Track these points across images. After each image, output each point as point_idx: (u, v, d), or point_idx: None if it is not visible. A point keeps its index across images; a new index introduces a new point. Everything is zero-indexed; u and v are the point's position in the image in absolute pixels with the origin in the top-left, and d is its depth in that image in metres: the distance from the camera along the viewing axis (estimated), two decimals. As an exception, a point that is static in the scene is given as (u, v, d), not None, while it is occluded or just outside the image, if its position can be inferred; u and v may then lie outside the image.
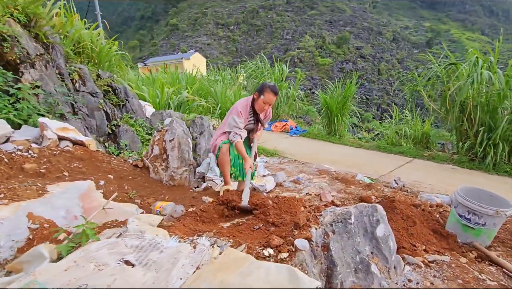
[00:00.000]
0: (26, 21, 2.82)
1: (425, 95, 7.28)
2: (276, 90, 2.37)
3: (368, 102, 59.72)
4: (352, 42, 77.96)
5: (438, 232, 2.07)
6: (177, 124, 2.59)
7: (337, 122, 9.40)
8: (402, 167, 6.28)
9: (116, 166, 2.40)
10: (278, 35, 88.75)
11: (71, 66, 3.69)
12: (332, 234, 1.24)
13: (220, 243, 1.13)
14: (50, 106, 2.61)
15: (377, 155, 7.35)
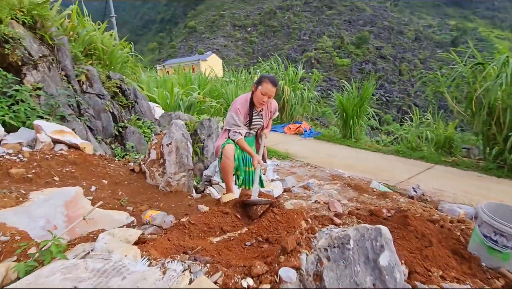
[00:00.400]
0: (32, 23, 2.82)
1: (449, 97, 6.84)
2: (274, 81, 2.23)
3: (388, 104, 57.90)
4: (372, 42, 75.96)
5: (458, 253, 1.83)
6: (176, 127, 2.49)
7: (353, 125, 9.07)
8: (422, 173, 5.91)
9: (112, 170, 2.33)
10: (295, 36, 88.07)
11: (79, 68, 3.71)
12: (327, 261, 1.06)
13: (195, 268, 0.99)
14: (51, 108, 2.59)
15: (395, 159, 6.98)
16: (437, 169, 6.06)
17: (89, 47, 4.60)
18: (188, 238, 1.54)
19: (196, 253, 1.35)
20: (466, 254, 1.80)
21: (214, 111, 7.62)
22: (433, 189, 4.93)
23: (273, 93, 2.24)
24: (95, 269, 0.92)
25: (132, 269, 0.96)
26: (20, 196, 1.47)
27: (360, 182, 5.03)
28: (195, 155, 4.96)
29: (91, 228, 1.68)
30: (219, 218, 1.81)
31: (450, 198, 4.51)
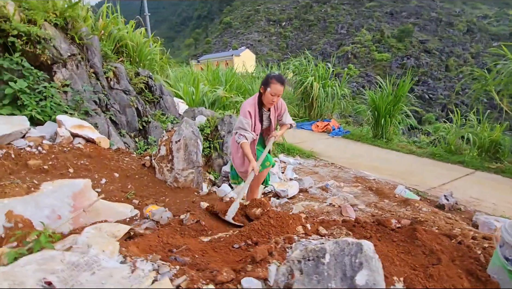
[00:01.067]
0: (64, 24, 3.06)
1: (497, 96, 6.15)
2: (282, 80, 2.22)
3: (431, 101, 53.67)
4: (416, 35, 70.65)
5: (474, 274, 1.63)
6: (187, 125, 2.54)
7: (385, 124, 8.56)
8: (460, 179, 5.42)
9: (125, 164, 2.46)
10: (332, 30, 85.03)
11: (108, 65, 3.95)
12: (299, 274, 1.01)
13: (163, 270, 1.00)
14: (76, 104, 2.80)
15: (430, 163, 6.48)
16: (478, 176, 5.50)
17: (120, 44, 4.88)
18: (179, 236, 1.57)
19: (180, 252, 1.37)
20: (483, 276, 1.61)
21: (240, 107, 7.68)
22: (470, 197, 4.49)
23: (281, 92, 2.25)
24: (69, 262, 0.98)
25: (104, 265, 1.00)
26: (32, 186, 1.61)
27: (385, 186, 4.75)
28: (215, 151, 5.06)
29: (95, 219, 1.79)
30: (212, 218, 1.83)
31: (489, 208, 4.08)
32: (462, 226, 2.52)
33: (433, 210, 3.00)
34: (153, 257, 1.06)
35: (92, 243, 1.09)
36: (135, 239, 1.34)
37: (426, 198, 4.38)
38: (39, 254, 1.00)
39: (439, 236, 1.84)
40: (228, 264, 1.24)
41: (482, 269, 1.68)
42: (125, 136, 3.90)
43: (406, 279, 1.45)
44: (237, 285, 0.94)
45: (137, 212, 2.01)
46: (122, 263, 1.03)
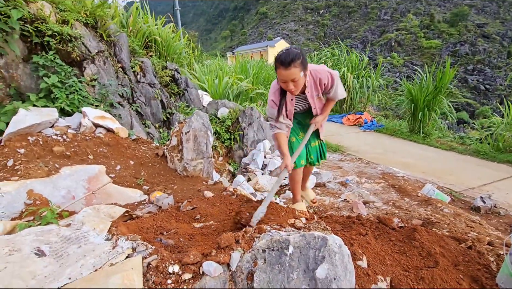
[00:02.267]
0: (94, 23, 3.34)
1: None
2: (284, 60, 1.58)
3: (488, 93, 48.07)
4: (472, 18, 63.30)
5: (479, 281, 1.51)
6: (197, 117, 2.65)
7: (423, 118, 7.97)
8: (504, 180, 4.93)
9: (141, 152, 2.65)
10: (374, 16, 79.76)
11: (135, 60, 4.23)
12: (263, 262, 1.05)
13: (139, 249, 1.10)
14: (102, 96, 3.07)
15: (472, 161, 5.95)
16: (529, 177, 4.91)
17: (148, 40, 5.16)
18: (174, 220, 1.69)
19: (168, 235, 1.48)
20: (488, 285, 1.48)
21: (267, 99, 7.70)
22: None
23: (290, 76, 1.60)
24: (63, 236, 1.13)
25: (91, 240, 1.14)
26: (53, 169, 1.84)
27: (413, 184, 4.48)
28: (235, 142, 5.18)
29: (107, 201, 1.99)
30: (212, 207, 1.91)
31: (536, 215, 3.65)
32: (485, 230, 2.30)
33: (456, 212, 2.77)
34: (133, 236, 1.17)
35: (86, 221, 1.24)
36: (129, 221, 1.48)
37: (461, 199, 4.05)
38: (39, 227, 1.17)
39: (444, 238, 1.71)
40: (206, 249, 1.32)
41: (490, 277, 1.55)
42: (150, 127, 4.18)
43: (393, 279, 1.40)
44: (199, 268, 1.01)
45: (146, 197, 2.18)
46: (107, 240, 1.16)
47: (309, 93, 1.91)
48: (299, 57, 1.60)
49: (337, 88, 1.96)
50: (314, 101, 1.97)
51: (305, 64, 1.66)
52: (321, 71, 1.85)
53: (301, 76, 1.64)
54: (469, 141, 7.42)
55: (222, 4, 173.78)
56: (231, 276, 1.05)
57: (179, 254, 1.12)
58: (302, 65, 1.63)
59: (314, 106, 1.99)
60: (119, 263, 1.00)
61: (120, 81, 3.67)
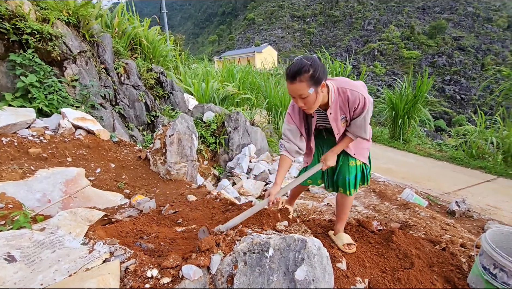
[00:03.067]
0: (76, 22, 3.26)
1: (526, 98, 5.75)
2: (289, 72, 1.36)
3: (463, 102, 50.48)
4: (450, 31, 66.62)
5: (452, 282, 1.58)
6: (182, 120, 2.63)
7: (403, 125, 8.27)
8: (478, 185, 5.17)
9: (123, 155, 2.60)
10: (358, 26, 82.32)
11: (119, 61, 4.15)
12: (243, 265, 1.05)
13: (118, 253, 1.08)
14: (83, 97, 2.99)
15: (448, 167, 6.22)
16: (499, 183, 5.20)
17: (134, 42, 5.09)
18: (155, 224, 1.66)
19: (148, 239, 1.46)
20: (460, 285, 1.55)
21: (253, 104, 7.73)
22: (486, 205, 4.27)
23: (296, 92, 1.37)
24: (36, 241, 1.09)
25: (66, 245, 1.10)
26: (28, 172, 1.77)
27: (393, 188, 4.63)
28: (221, 146, 5.16)
29: (86, 204, 1.93)
30: (195, 210, 1.90)
31: (506, 218, 3.87)
32: (458, 233, 2.40)
33: (432, 215, 2.88)
34: (111, 240, 1.15)
35: (61, 225, 1.20)
36: (108, 225, 1.44)
37: (437, 203, 4.21)
38: (10, 232, 1.12)
39: (419, 240, 1.78)
40: (186, 253, 1.31)
41: (462, 277, 1.62)
42: (133, 129, 4.10)
43: (371, 280, 1.44)
44: (178, 271, 1.00)
45: (127, 201, 2.13)
46: (83, 244, 1.13)
47: (332, 115, 1.53)
48: (307, 70, 1.32)
49: (365, 123, 1.53)
50: (338, 126, 1.57)
51: (317, 79, 1.34)
52: (352, 89, 1.48)
53: (310, 93, 1.35)
54: (445, 148, 7.76)
55: (210, 9, 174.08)
56: (211, 279, 1.05)
57: (158, 258, 1.11)
58: (312, 80, 1.33)
59: (337, 132, 1.60)
60: (95, 267, 0.97)
61: (102, 82, 3.59)
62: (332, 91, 1.48)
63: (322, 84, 1.38)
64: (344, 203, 1.78)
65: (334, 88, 1.49)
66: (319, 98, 1.42)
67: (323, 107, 1.55)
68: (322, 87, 1.40)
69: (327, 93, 1.48)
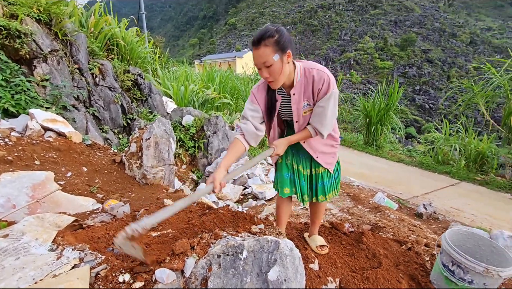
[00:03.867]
0: (48, 20, 3.13)
1: (484, 108, 6.23)
2: (255, 37, 1.27)
3: (432, 111, 53.71)
4: (419, 44, 70.90)
5: (416, 279, 1.68)
6: (159, 124, 2.60)
7: (376, 132, 8.65)
8: (443, 189, 5.49)
9: (96, 159, 2.51)
10: (336, 36, 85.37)
11: (94, 62, 4.02)
12: (217, 267, 1.06)
13: (88, 258, 1.05)
14: (54, 98, 2.86)
15: (417, 172, 6.57)
16: (462, 187, 5.56)
17: (111, 42, 4.95)
18: (129, 229, 1.62)
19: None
20: (422, 282, 1.66)
21: (233, 109, 7.74)
22: (450, 208, 4.55)
23: (260, 58, 1.27)
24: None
25: (32, 251, 1.06)
26: (-10, 175, 1.67)
27: (366, 192, 4.81)
28: (200, 150, 5.12)
29: (55, 210, 1.85)
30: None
31: (468, 219, 4.14)
32: (424, 233, 2.56)
33: (401, 217, 3.04)
34: (81, 246, 1.11)
35: (27, 231, 1.15)
36: (78, 230, 1.40)
37: (407, 206, 4.43)
38: (-32, 239, 1.05)
39: (387, 241, 1.89)
40: (161, 257, 1.30)
41: (425, 274, 1.73)
42: (108, 132, 3.97)
43: (342, 280, 1.51)
44: (151, 275, 1.00)
45: (99, 206, 2.07)
46: (51, 250, 1.09)
47: (295, 97, 1.43)
48: (272, 34, 1.24)
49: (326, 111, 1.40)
50: (299, 111, 1.46)
51: (283, 45, 1.26)
52: (318, 69, 1.38)
53: (276, 60, 1.26)
54: (415, 154, 8.20)
55: (191, 12, 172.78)
56: (185, 282, 1.05)
57: (131, 263, 1.10)
58: (278, 46, 1.25)
59: (296, 120, 1.49)
60: (63, 274, 0.94)
61: (76, 83, 3.46)
62: (298, 71, 1.39)
63: (288, 53, 1.30)
64: (319, 209, 1.79)
65: (301, 68, 1.40)
66: (285, 70, 1.33)
67: (287, 89, 1.45)
68: (288, 57, 1.31)
69: (293, 71, 1.39)
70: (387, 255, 1.73)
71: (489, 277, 1.40)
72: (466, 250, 1.63)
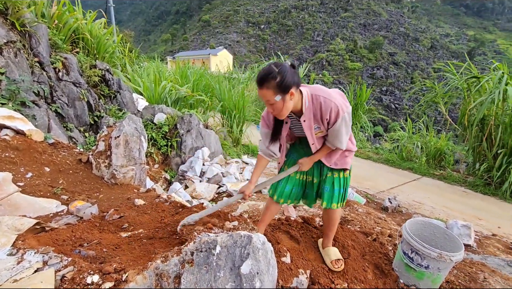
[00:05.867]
0: (3, 9, 2.89)
1: (444, 108, 6.73)
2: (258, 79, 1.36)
3: (397, 111, 57.03)
4: (386, 47, 74.85)
5: (380, 268, 1.80)
6: (129, 121, 2.52)
7: (347, 130, 8.98)
8: (407, 184, 5.85)
9: (60, 158, 2.37)
10: (309, 36, 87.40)
11: (57, 55, 3.77)
12: (190, 264, 1.07)
13: (52, 262, 1.01)
14: (11, 94, 2.65)
15: (383, 169, 6.93)
16: (423, 181, 5.97)
17: (75, 35, 4.67)
18: (97, 231, 1.57)
19: (88, 247, 1.38)
20: (386, 269, 1.78)
21: (207, 107, 7.64)
22: (412, 201, 4.87)
23: (263, 97, 1.38)
24: (-51, 254, 0.96)
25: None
26: None
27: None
28: (173, 149, 5.02)
29: (14, 213, 1.72)
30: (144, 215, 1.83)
31: (428, 211, 4.45)
32: (388, 225, 2.74)
33: (368, 211, 3.22)
34: (45, 249, 1.06)
35: (-17, 235, 1.07)
36: (41, 234, 1.32)
37: (374, 200, 4.68)
38: None
39: (355, 233, 2.00)
40: (134, 258, 1.27)
41: (388, 263, 1.86)
42: (73, 130, 3.75)
43: (312, 271, 1.58)
44: (122, 275, 0.98)
45: (64, 208, 1.96)
46: (10, 255, 1.02)
47: (306, 123, 1.49)
48: (274, 76, 1.30)
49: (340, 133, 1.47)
50: (313, 135, 1.53)
51: (284, 87, 1.31)
52: (325, 97, 1.42)
53: (277, 100, 1.33)
54: (382, 151, 8.67)
55: (163, 6, 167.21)
56: (157, 281, 1.04)
57: (100, 265, 1.07)
58: (279, 88, 1.31)
59: (312, 142, 1.56)
60: (25, 278, 0.90)
61: (36, 77, 3.23)
62: (306, 98, 1.44)
63: (290, 92, 1.34)
64: (330, 218, 1.74)
65: (308, 95, 1.44)
66: (287, 106, 1.38)
67: (297, 113, 1.50)
68: (291, 95, 1.36)
69: (301, 100, 1.44)
70: (354, 246, 1.84)
71: (443, 262, 1.55)
72: (423, 238, 1.78)
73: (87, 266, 1.01)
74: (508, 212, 4.43)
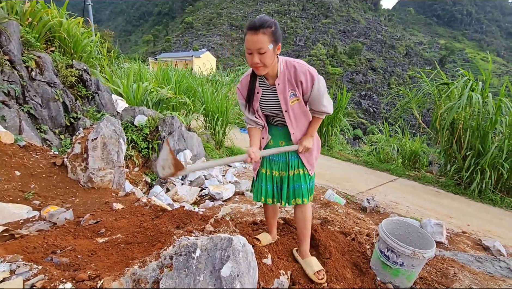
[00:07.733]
0: (-30, 4, 2.73)
1: (417, 113, 7.05)
2: (253, 23, 1.33)
3: (375, 115, 59.08)
4: (364, 53, 77.49)
5: (359, 266, 1.86)
6: (107, 123, 2.44)
7: (327, 133, 9.19)
8: (384, 185, 6.04)
9: (32, 162, 2.26)
10: (291, 41, 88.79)
11: (30, 54, 3.60)
12: (169, 269, 1.05)
13: (20, 270, 0.96)
14: (-22, 93, 2.50)
15: (362, 170, 7.12)
16: (399, 182, 6.21)
17: (51, 33, 4.47)
18: (71, 237, 1.51)
19: (62, 253, 1.32)
20: (364, 268, 1.84)
21: (190, 109, 7.54)
22: (390, 201, 5.04)
23: (257, 44, 1.32)
24: None
25: (-49, 266, 0.93)
26: None
27: (318, 190, 5.08)
28: (154, 152, 4.91)
29: (-22, 221, 1.62)
30: (121, 219, 1.78)
31: (404, 211, 4.62)
32: (366, 225, 2.83)
33: (347, 211, 3.31)
34: (13, 257, 1.01)
35: None
36: (10, 241, 1.25)
37: (353, 201, 4.80)
38: None
39: (335, 233, 2.05)
40: (110, 264, 1.24)
41: (366, 261, 1.92)
42: (47, 132, 3.58)
43: (293, 272, 1.60)
44: (97, 283, 0.95)
45: (36, 213, 1.87)
46: (-25, 264, 0.96)
47: (280, 86, 1.49)
48: (271, 25, 1.34)
49: (321, 95, 1.50)
50: (287, 102, 1.51)
51: (277, 37, 1.36)
52: (299, 63, 1.49)
53: (270, 48, 1.34)
54: (361, 153, 8.94)
55: (144, 7, 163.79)
56: (134, 287, 1.02)
57: (74, 272, 1.03)
58: (273, 36, 1.34)
59: (285, 109, 1.53)
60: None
61: (6, 76, 3.06)
62: (281, 63, 1.48)
63: (278, 45, 1.39)
64: (305, 216, 1.70)
65: (283, 61, 1.49)
66: (274, 60, 1.42)
67: (271, 80, 1.51)
68: (278, 50, 1.40)
69: (277, 63, 1.46)
70: (335, 246, 1.88)
71: (416, 259, 1.62)
72: (398, 236, 1.85)
73: (59, 274, 0.97)
74: (476, 210, 4.69)
